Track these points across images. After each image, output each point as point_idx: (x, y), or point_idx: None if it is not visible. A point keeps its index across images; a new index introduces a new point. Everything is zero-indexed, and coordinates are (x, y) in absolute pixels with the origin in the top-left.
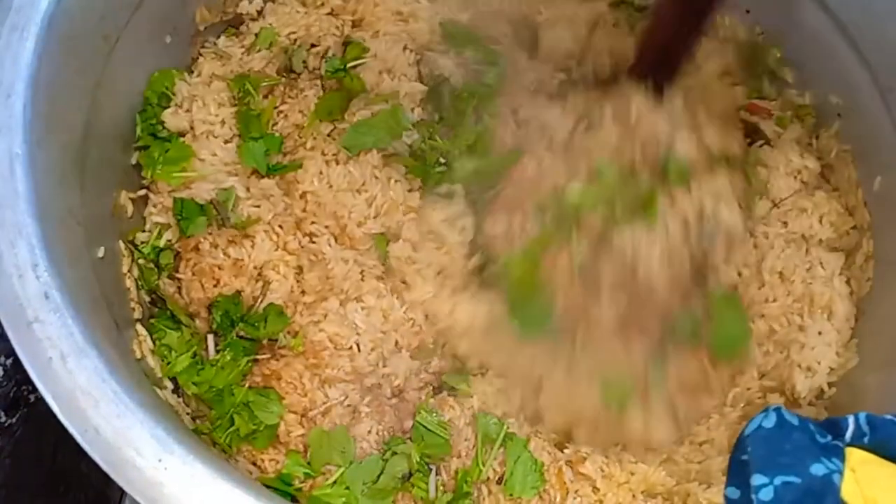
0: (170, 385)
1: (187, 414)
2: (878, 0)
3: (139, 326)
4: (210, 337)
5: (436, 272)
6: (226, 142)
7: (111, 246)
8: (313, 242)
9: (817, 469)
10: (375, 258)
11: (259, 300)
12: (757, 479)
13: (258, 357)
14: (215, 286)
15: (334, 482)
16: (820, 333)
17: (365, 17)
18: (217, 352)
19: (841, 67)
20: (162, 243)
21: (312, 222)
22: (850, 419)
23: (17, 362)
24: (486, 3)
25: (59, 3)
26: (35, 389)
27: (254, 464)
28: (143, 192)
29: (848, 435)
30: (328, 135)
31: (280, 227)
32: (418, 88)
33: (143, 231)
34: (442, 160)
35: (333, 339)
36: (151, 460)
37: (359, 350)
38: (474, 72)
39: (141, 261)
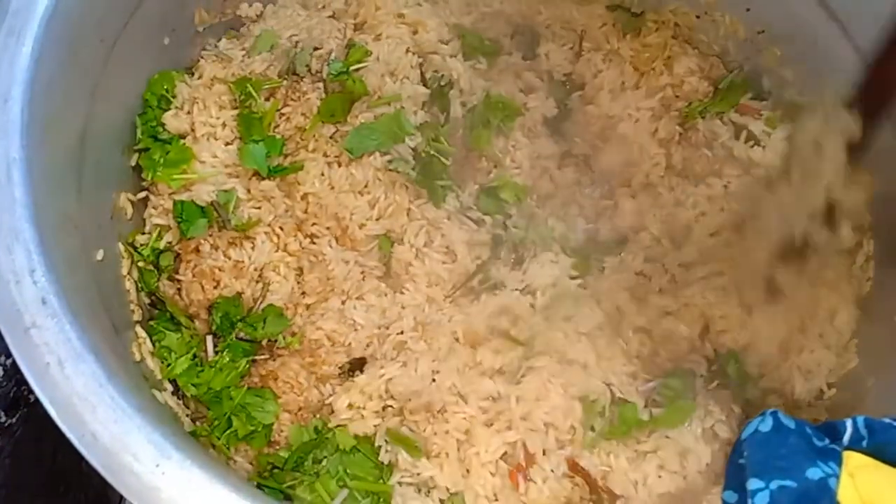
0: (169, 387)
1: (187, 416)
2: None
3: (138, 328)
4: (209, 338)
5: (428, 283)
6: (227, 144)
7: (110, 248)
8: (314, 244)
9: (813, 473)
10: (377, 259)
11: (259, 301)
12: (753, 484)
13: (256, 358)
14: (216, 288)
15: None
16: (819, 335)
17: (367, 20)
18: (216, 353)
19: (841, 67)
20: (162, 245)
21: (313, 224)
22: (849, 423)
23: (17, 362)
24: (487, 4)
25: (56, 6)
26: None
27: (251, 463)
28: (142, 194)
29: (846, 438)
30: (330, 137)
31: (281, 228)
32: (421, 91)
33: (143, 233)
34: (445, 162)
35: (331, 336)
36: (149, 465)
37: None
38: (484, 74)
39: (140, 263)
